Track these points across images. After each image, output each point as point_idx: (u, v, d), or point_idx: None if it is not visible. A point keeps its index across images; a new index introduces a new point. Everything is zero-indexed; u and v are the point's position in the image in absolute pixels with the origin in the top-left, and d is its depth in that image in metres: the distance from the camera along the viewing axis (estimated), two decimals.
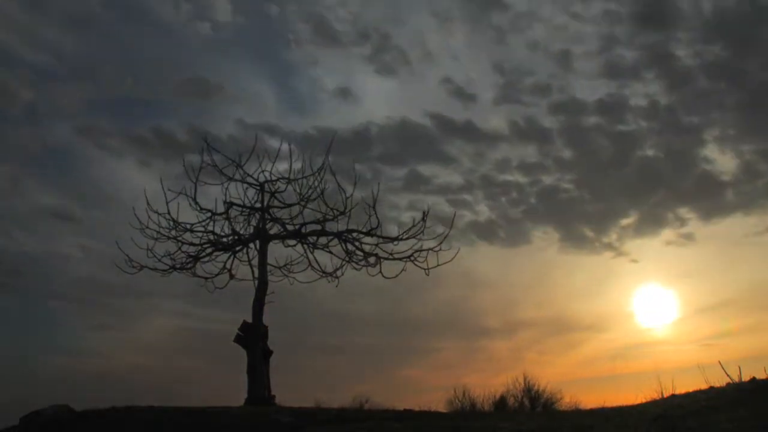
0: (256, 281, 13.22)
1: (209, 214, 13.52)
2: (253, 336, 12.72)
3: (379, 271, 13.16)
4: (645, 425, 7.31)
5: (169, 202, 13.13)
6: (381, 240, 13.09)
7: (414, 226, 12.87)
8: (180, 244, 13.42)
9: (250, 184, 13.74)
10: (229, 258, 13.71)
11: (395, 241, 13.04)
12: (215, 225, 13.62)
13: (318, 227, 13.51)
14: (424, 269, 12.92)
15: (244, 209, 13.79)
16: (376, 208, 12.62)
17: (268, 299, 13.14)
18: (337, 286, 13.60)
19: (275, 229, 13.86)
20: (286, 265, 13.85)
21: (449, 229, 12.90)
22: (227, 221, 13.68)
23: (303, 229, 13.58)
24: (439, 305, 29.51)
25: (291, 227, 13.73)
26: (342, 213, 13.09)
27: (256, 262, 13.41)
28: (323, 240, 13.54)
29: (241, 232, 13.73)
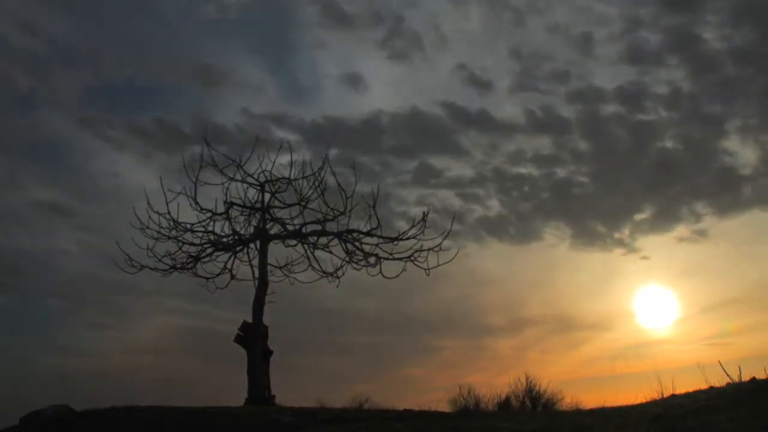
0: (256, 281, 13.24)
1: (209, 214, 13.53)
2: (254, 336, 12.75)
3: (380, 271, 13.19)
4: (645, 425, 7.30)
5: (170, 202, 13.18)
6: (381, 240, 13.11)
7: (414, 226, 12.93)
8: (180, 244, 13.44)
9: (250, 184, 13.78)
10: (230, 258, 13.74)
11: (395, 242, 13.05)
12: (215, 225, 13.67)
13: (318, 227, 13.53)
14: (424, 269, 12.96)
15: (244, 209, 13.80)
16: (376, 208, 12.66)
17: (268, 299, 13.17)
18: (338, 286, 13.64)
19: (276, 229, 13.90)
20: (286, 265, 13.89)
21: (449, 230, 12.95)
22: (227, 221, 13.70)
23: (303, 229, 13.60)
24: (443, 303, 28.90)
25: (291, 227, 13.76)
26: (342, 213, 13.13)
27: (256, 262, 13.43)
28: (323, 240, 13.57)
29: (242, 232, 13.75)
